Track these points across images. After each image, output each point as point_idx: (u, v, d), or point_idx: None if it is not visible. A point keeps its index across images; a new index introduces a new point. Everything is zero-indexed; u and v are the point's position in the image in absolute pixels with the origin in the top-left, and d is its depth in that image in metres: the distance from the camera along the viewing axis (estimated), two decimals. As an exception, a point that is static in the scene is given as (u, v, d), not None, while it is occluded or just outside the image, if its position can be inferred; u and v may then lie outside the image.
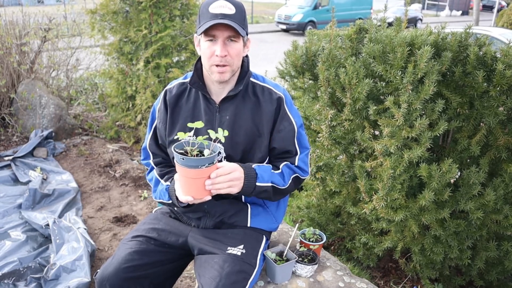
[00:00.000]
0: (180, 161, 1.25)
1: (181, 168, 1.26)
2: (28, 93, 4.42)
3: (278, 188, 1.49)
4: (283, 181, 1.50)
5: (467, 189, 1.83)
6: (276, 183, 1.48)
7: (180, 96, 1.57)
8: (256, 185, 1.43)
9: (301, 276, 1.63)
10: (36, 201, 3.08)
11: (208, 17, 1.37)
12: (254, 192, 1.43)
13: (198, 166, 1.25)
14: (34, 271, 2.31)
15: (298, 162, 1.55)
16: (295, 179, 1.55)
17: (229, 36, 1.39)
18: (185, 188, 1.33)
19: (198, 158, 1.25)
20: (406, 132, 1.75)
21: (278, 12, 17.73)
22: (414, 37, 1.82)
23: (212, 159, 1.27)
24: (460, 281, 2.18)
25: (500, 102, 1.74)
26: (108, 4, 4.17)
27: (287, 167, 1.54)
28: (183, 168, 1.26)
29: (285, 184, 1.51)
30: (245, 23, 1.43)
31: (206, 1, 1.41)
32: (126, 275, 1.44)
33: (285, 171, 1.53)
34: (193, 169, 1.25)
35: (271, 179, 1.47)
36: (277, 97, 1.53)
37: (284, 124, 1.52)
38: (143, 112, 4.21)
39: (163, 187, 1.53)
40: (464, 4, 30.13)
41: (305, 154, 1.58)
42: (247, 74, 1.52)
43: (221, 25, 1.36)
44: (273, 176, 1.48)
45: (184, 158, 1.24)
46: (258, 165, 1.47)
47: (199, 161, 1.24)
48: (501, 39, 5.72)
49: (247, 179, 1.40)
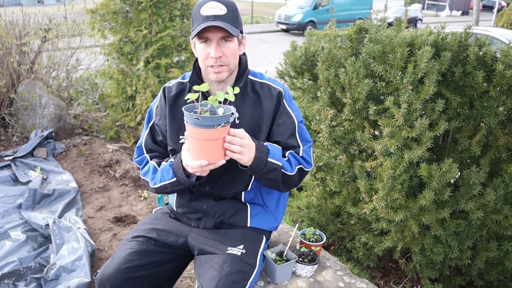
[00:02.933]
0: (194, 121, 1.18)
1: (194, 130, 1.20)
2: (28, 93, 4.42)
3: (286, 174, 1.46)
4: (290, 167, 1.48)
5: (467, 189, 1.83)
6: (285, 168, 1.45)
7: (179, 95, 1.58)
8: (268, 160, 1.38)
9: (301, 276, 1.63)
10: (36, 201, 3.08)
11: (200, 19, 1.38)
12: (265, 168, 1.38)
13: (214, 125, 1.19)
14: (34, 271, 2.31)
15: (302, 153, 1.54)
16: (300, 170, 1.53)
17: (222, 36, 1.40)
18: (198, 152, 1.26)
19: (214, 116, 1.20)
20: (406, 132, 1.75)
21: (278, 12, 17.73)
22: (414, 37, 1.82)
23: (228, 117, 1.22)
24: (460, 281, 2.18)
25: (500, 102, 1.74)
26: (108, 4, 4.18)
27: (292, 155, 1.53)
28: (197, 130, 1.19)
29: (292, 171, 1.49)
30: (238, 21, 1.43)
31: (197, 3, 1.43)
32: (126, 275, 1.44)
33: (291, 159, 1.51)
34: (209, 129, 1.19)
35: (281, 160, 1.44)
36: (277, 92, 1.53)
37: (284, 118, 1.52)
38: (143, 112, 4.21)
39: (165, 165, 1.49)
40: (464, 4, 30.13)
41: (308, 146, 1.57)
42: (246, 72, 1.53)
43: (213, 27, 1.36)
44: (282, 160, 1.46)
45: (199, 117, 1.17)
46: (270, 143, 1.45)
47: (215, 120, 1.19)
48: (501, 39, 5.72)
49: (258, 152, 1.36)
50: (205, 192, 1.57)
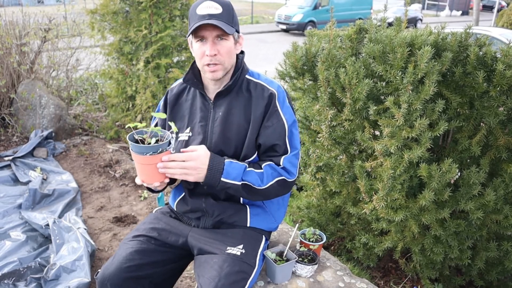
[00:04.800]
0: (131, 146, 1.35)
1: (132, 154, 1.36)
2: (28, 93, 4.42)
3: (253, 188, 1.44)
4: (260, 182, 1.45)
5: (467, 189, 1.83)
6: (251, 182, 1.43)
7: (180, 94, 1.64)
8: (221, 180, 1.42)
9: (301, 276, 1.63)
10: (36, 201, 3.08)
11: (196, 18, 1.40)
12: (219, 186, 1.42)
13: (143, 153, 1.33)
14: (34, 271, 2.31)
15: (283, 162, 1.49)
16: (281, 182, 1.48)
17: (218, 35, 1.42)
18: (138, 172, 1.42)
19: (142, 145, 1.33)
20: (406, 132, 1.75)
21: (278, 12, 17.73)
22: (414, 37, 1.82)
23: (157, 148, 1.33)
24: (460, 281, 2.18)
25: (500, 102, 1.74)
26: (108, 4, 4.18)
27: (270, 167, 1.48)
28: (132, 153, 1.35)
29: (262, 185, 1.45)
30: (233, 20, 1.44)
31: (194, 3, 1.45)
32: (127, 274, 1.44)
33: (266, 172, 1.47)
34: (140, 155, 1.33)
35: (242, 177, 1.43)
36: (269, 93, 1.51)
37: (272, 121, 1.50)
38: (143, 112, 4.21)
39: None
40: (464, 4, 30.11)
41: (293, 154, 1.52)
42: (240, 71, 1.53)
43: (208, 25, 1.38)
44: (248, 175, 1.44)
45: (131, 144, 1.33)
46: (231, 161, 1.44)
47: (143, 148, 1.33)
48: (501, 39, 5.73)
49: (210, 172, 1.41)
50: (204, 192, 1.57)
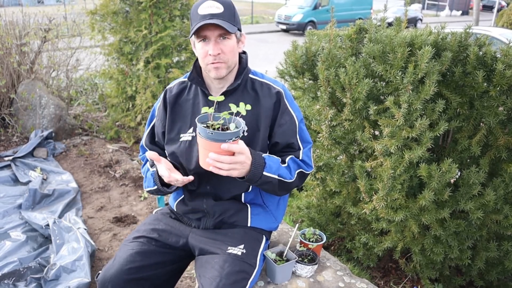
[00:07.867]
0: (207, 135, 1.25)
1: (206, 142, 1.27)
2: (28, 93, 4.42)
3: (284, 182, 1.47)
4: (290, 175, 1.48)
5: (467, 189, 1.83)
6: (283, 176, 1.46)
7: (180, 94, 1.60)
8: (263, 174, 1.39)
9: (301, 276, 1.63)
10: (36, 201, 3.08)
11: (197, 18, 1.40)
12: (260, 181, 1.40)
13: (225, 140, 1.26)
14: (34, 271, 2.31)
15: (302, 156, 1.54)
16: (300, 174, 1.53)
17: (220, 34, 1.42)
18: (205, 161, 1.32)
19: (226, 132, 1.26)
20: (406, 132, 1.75)
21: (278, 12, 17.73)
22: (414, 37, 1.82)
23: (237, 133, 1.28)
24: (460, 281, 2.18)
25: (500, 102, 1.74)
26: (108, 5, 4.18)
27: (292, 160, 1.52)
28: (209, 142, 1.26)
29: (292, 177, 1.49)
30: (235, 19, 1.45)
31: (195, 3, 1.45)
32: (128, 276, 1.44)
33: (291, 165, 1.51)
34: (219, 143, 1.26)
35: (278, 171, 1.45)
36: (276, 91, 1.53)
37: (286, 118, 1.52)
38: (143, 112, 4.21)
39: (150, 172, 1.56)
40: (464, 4, 30.11)
41: (308, 148, 1.57)
42: (245, 70, 1.54)
43: (210, 25, 1.39)
44: (280, 169, 1.46)
45: (213, 132, 1.25)
46: (269, 155, 1.45)
47: (226, 135, 1.26)
48: (501, 39, 5.73)
49: (254, 166, 1.37)
50: (205, 192, 1.57)
